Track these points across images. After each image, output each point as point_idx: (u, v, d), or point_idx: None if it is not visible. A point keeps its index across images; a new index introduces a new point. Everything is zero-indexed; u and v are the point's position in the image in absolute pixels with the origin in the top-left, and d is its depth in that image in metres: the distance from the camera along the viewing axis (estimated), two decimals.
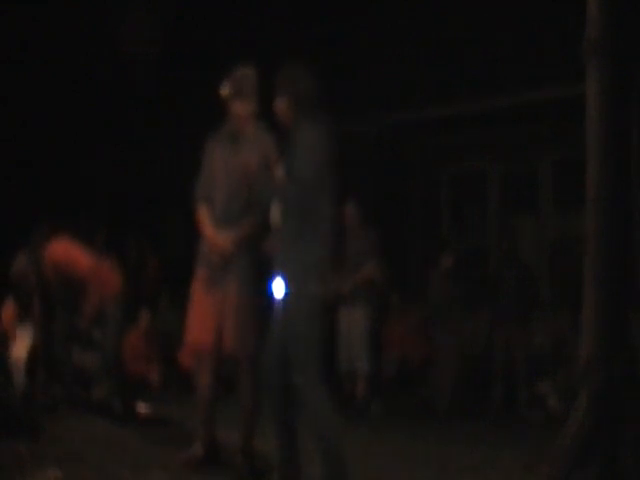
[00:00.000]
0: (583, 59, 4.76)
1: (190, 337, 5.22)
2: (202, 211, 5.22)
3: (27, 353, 8.58)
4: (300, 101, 4.49)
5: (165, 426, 7.04)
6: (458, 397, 8.65)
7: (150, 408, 7.68)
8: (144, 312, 9.92)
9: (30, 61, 12.17)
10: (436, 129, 10.80)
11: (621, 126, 4.79)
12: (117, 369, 8.05)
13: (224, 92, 5.17)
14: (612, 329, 4.58)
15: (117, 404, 7.61)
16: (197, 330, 5.13)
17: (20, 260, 8.36)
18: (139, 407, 7.66)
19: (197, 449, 5.18)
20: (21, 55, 12.15)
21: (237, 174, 5.04)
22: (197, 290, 5.18)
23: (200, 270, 5.19)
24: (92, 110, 12.22)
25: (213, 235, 5.12)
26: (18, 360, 8.65)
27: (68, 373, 8.10)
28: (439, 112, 10.64)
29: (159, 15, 11.61)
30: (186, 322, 5.26)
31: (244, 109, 5.15)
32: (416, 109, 10.79)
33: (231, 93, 5.14)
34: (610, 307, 4.61)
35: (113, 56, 11.83)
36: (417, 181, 11.43)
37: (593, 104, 4.73)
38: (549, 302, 9.84)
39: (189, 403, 5.74)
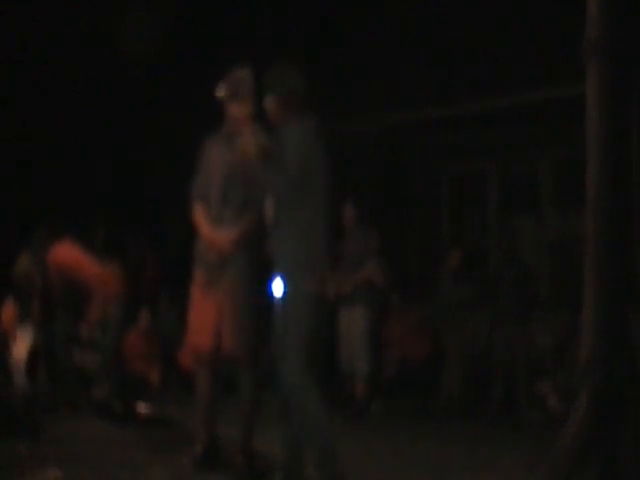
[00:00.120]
0: (583, 59, 4.75)
1: (190, 339, 5.23)
2: (198, 210, 5.21)
3: (27, 353, 8.58)
4: (288, 100, 4.51)
5: (165, 426, 7.05)
6: (460, 397, 8.66)
7: (150, 408, 7.69)
8: (144, 312, 9.92)
9: (30, 61, 12.16)
10: (436, 129, 10.79)
11: (621, 126, 4.79)
12: (117, 369, 8.06)
13: (220, 94, 5.17)
14: (612, 329, 4.57)
15: (117, 404, 7.61)
16: (197, 332, 5.12)
17: (23, 261, 8.36)
18: (139, 407, 7.67)
19: (197, 449, 5.17)
20: (21, 55, 12.14)
21: (234, 169, 5.01)
22: (196, 293, 5.18)
23: (198, 273, 5.18)
24: (92, 110, 12.21)
25: (210, 233, 5.10)
26: (18, 360, 8.64)
27: (68, 373, 8.11)
28: (439, 112, 10.64)
29: (159, 15, 11.61)
30: (186, 323, 5.27)
31: (241, 111, 5.14)
32: (416, 109, 10.79)
33: (227, 95, 5.14)
34: (610, 307, 4.61)
35: (113, 56, 11.82)
36: (417, 181, 11.42)
37: (593, 104, 4.72)
38: (549, 302, 9.83)
39: (189, 403, 5.76)
